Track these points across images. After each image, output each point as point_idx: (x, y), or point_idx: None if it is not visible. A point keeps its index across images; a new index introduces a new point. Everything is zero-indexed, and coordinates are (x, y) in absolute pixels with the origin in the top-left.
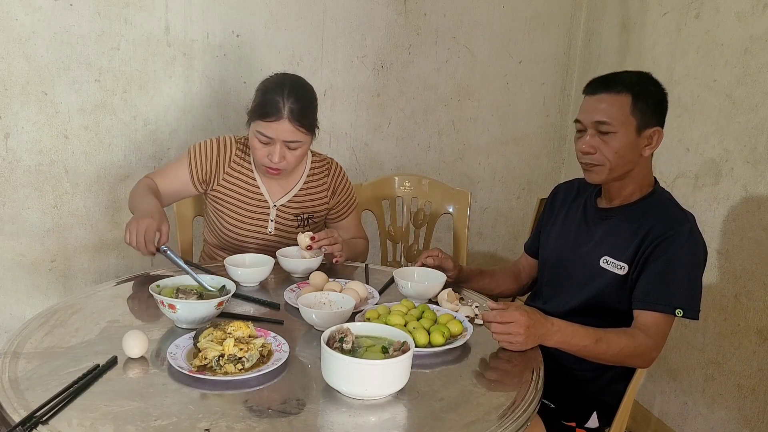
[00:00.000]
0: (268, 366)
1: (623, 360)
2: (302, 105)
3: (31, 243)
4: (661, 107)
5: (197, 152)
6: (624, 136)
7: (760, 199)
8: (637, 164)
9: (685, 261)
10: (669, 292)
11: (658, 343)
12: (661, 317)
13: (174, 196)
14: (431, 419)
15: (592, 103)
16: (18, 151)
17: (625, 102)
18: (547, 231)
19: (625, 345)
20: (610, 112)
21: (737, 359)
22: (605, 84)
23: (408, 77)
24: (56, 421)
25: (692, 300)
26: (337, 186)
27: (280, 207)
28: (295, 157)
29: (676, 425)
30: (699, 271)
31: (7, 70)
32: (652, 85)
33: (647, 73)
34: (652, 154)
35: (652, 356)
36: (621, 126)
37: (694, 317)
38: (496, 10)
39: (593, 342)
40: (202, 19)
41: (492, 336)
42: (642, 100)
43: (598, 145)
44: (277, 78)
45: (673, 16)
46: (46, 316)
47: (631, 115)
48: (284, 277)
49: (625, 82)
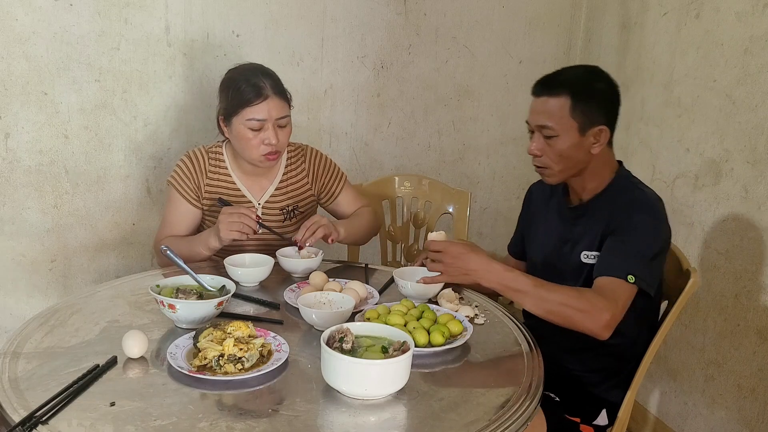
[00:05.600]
0: (268, 366)
1: (571, 316)
2: (276, 81)
3: (31, 243)
4: (608, 104)
5: (177, 178)
6: (566, 139)
7: (760, 199)
8: (589, 162)
9: (639, 235)
10: (621, 259)
11: (611, 306)
12: (614, 281)
13: (193, 229)
14: (431, 419)
15: (536, 105)
16: (18, 151)
17: (564, 104)
18: (530, 232)
19: (570, 297)
20: (550, 115)
21: (737, 359)
22: (546, 85)
23: (408, 77)
24: (56, 421)
25: (645, 271)
26: (317, 168)
27: (265, 204)
28: (286, 135)
29: (676, 425)
30: (654, 246)
31: (7, 70)
32: (598, 82)
33: (593, 67)
34: (611, 147)
35: (603, 318)
36: (562, 129)
37: (646, 289)
38: (496, 10)
39: (532, 286)
40: (202, 19)
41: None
42: (582, 101)
43: (544, 149)
44: (240, 69)
45: (673, 16)
46: (46, 316)
47: (571, 117)
48: (284, 277)
49: (566, 82)
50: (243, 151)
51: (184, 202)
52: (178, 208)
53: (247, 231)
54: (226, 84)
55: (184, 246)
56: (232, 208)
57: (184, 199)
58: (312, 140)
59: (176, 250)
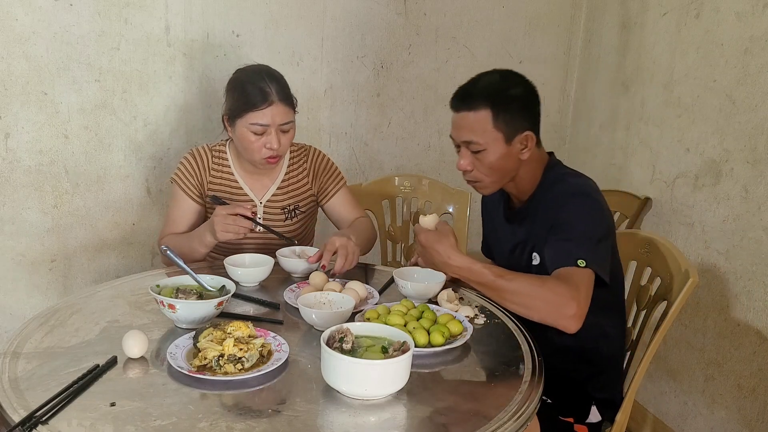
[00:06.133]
0: (267, 366)
1: (537, 308)
2: (283, 85)
3: (31, 243)
4: (528, 108)
5: (181, 175)
6: (494, 151)
7: (760, 199)
8: (520, 167)
9: (576, 221)
10: (566, 248)
11: (573, 291)
12: (567, 270)
13: (196, 226)
14: (431, 419)
15: (457, 120)
16: (18, 151)
17: (485, 117)
18: (490, 240)
19: (531, 285)
20: (473, 130)
21: (737, 359)
22: (464, 100)
23: (408, 77)
24: (56, 421)
25: (593, 254)
26: (318, 168)
27: (266, 203)
28: (288, 140)
29: (676, 425)
30: (596, 229)
31: (7, 70)
32: (514, 87)
33: (507, 72)
34: (539, 146)
35: (569, 309)
36: (488, 142)
37: (599, 272)
38: (496, 10)
39: (493, 278)
40: (202, 19)
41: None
42: (503, 111)
43: (474, 163)
44: (248, 70)
45: (673, 16)
46: (46, 316)
47: (494, 129)
48: (284, 277)
49: (484, 93)
50: (244, 153)
51: (187, 199)
52: (182, 206)
53: (241, 233)
54: (232, 84)
55: (184, 243)
56: (226, 208)
57: (187, 196)
58: (312, 140)
59: (176, 248)
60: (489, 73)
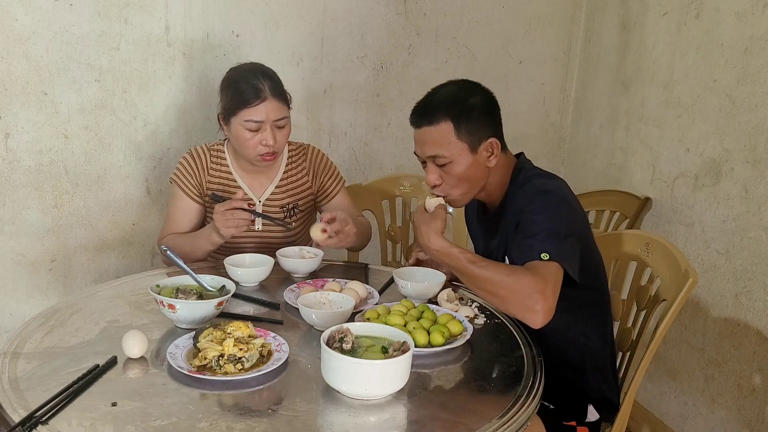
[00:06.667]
0: (267, 366)
1: (503, 296)
2: (276, 82)
3: (31, 243)
4: (489, 115)
5: (180, 175)
6: (461, 162)
7: (760, 199)
8: (489, 175)
9: (541, 217)
10: (529, 244)
11: (540, 283)
12: (531, 264)
13: (196, 226)
14: (431, 419)
15: (420, 136)
16: (18, 151)
17: (447, 130)
18: (475, 247)
19: (501, 273)
20: (437, 144)
21: (737, 359)
22: (424, 114)
23: (408, 77)
24: (56, 421)
25: (557, 248)
26: (317, 167)
27: (265, 202)
28: (284, 137)
29: (676, 425)
30: (562, 225)
31: (7, 70)
32: (473, 95)
33: (463, 82)
34: (505, 150)
35: (534, 299)
36: (453, 154)
37: (564, 265)
38: (496, 10)
39: (466, 263)
40: (202, 19)
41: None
42: (464, 121)
43: (442, 176)
44: (241, 68)
45: (673, 16)
46: (46, 316)
47: (458, 140)
48: (284, 277)
49: (442, 106)
50: (241, 151)
51: (186, 198)
52: (181, 205)
53: (243, 225)
54: (225, 83)
55: (187, 242)
56: (224, 205)
57: (187, 195)
58: (311, 140)
59: (179, 247)
60: (445, 85)
